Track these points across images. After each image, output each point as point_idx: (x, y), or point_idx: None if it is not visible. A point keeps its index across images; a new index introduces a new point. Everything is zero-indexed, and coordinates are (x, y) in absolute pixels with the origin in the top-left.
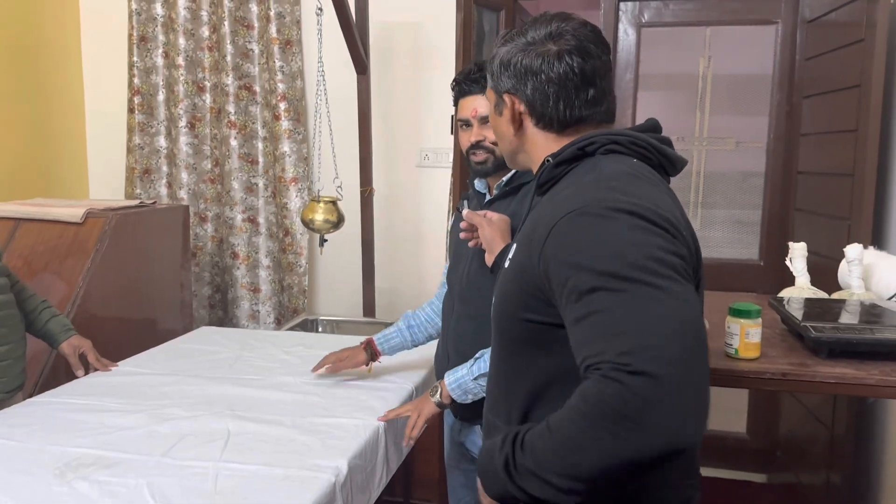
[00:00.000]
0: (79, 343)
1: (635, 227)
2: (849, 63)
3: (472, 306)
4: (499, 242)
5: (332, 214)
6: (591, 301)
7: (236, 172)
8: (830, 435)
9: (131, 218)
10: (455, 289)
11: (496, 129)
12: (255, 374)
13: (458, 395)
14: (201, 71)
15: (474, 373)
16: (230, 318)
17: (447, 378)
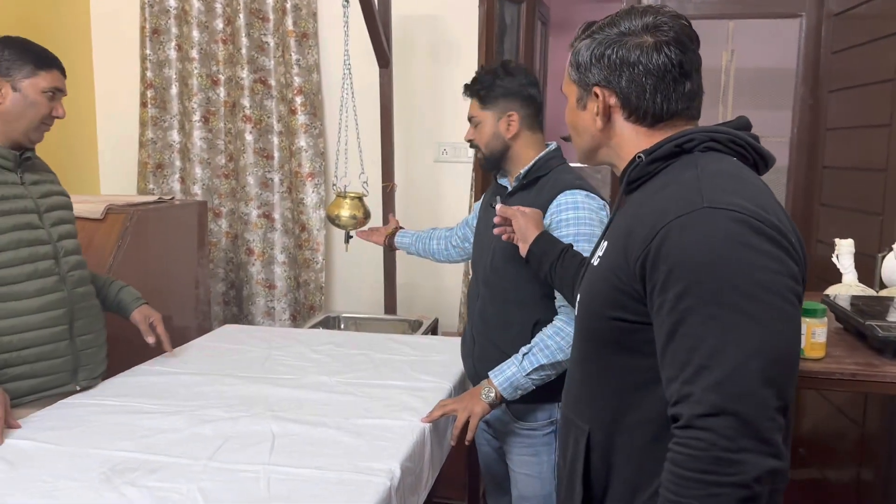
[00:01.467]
0: (149, 312)
1: (744, 243)
2: (881, 56)
3: (496, 290)
4: (532, 231)
5: (359, 210)
6: (683, 320)
7: (251, 167)
8: (861, 432)
9: (151, 214)
10: (480, 274)
11: (575, 125)
12: (288, 373)
13: (509, 392)
14: (215, 64)
15: (525, 369)
16: (245, 315)
17: (496, 377)
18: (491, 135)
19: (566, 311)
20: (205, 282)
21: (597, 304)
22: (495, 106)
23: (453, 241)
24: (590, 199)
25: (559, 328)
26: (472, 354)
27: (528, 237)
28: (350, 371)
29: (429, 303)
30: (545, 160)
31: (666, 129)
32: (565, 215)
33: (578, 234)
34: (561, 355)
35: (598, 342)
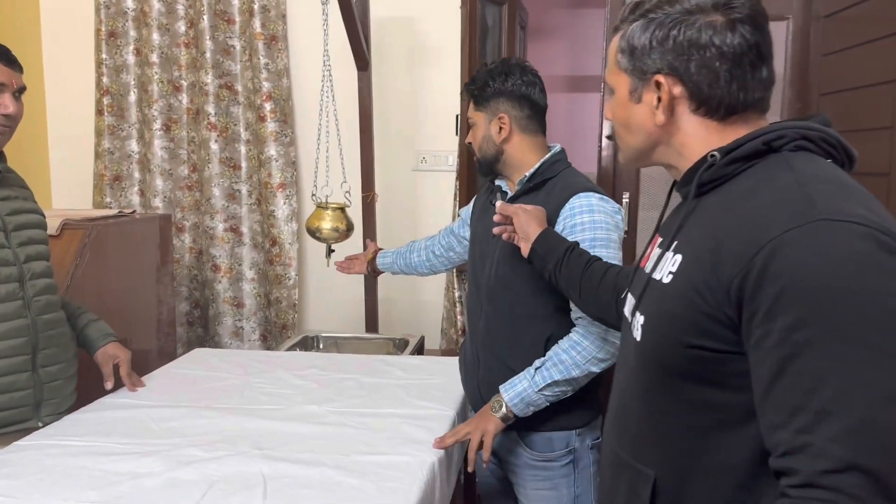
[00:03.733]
0: (116, 352)
1: (874, 263)
2: (878, 58)
3: (502, 305)
4: (535, 228)
5: (341, 222)
6: (797, 355)
7: (217, 178)
8: None
9: (111, 229)
10: (482, 288)
11: (626, 121)
12: (271, 402)
13: (520, 409)
14: (177, 69)
15: (538, 384)
16: (211, 336)
17: (506, 392)
18: (482, 138)
19: (583, 323)
20: (168, 301)
21: (671, 328)
22: (487, 107)
23: (436, 250)
24: (604, 203)
25: (576, 342)
26: (475, 377)
27: (530, 234)
28: (340, 398)
29: (409, 319)
30: (550, 163)
31: (738, 124)
32: (580, 219)
33: (595, 240)
34: (576, 371)
35: (671, 373)
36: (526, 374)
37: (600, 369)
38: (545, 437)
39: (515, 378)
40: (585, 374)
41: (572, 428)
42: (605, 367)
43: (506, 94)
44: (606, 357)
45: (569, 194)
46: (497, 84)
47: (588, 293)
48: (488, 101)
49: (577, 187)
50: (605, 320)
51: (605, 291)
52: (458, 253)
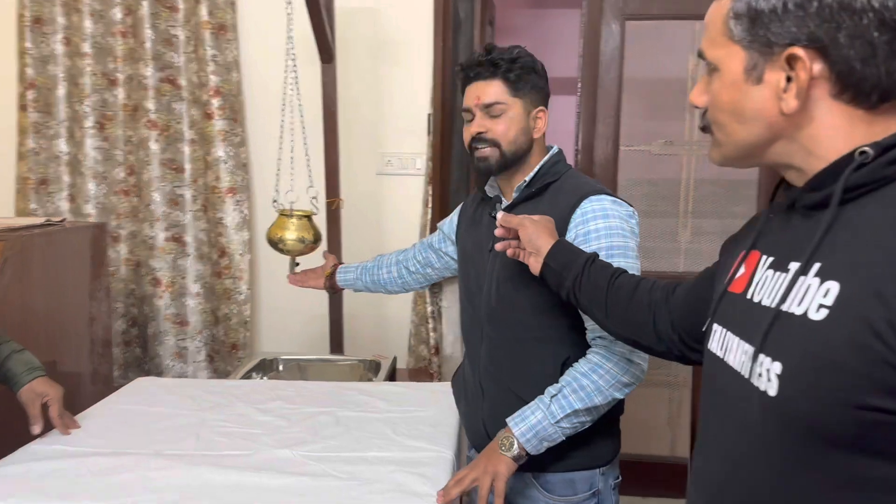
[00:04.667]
0: (44, 389)
1: None
2: None
3: (506, 328)
4: (546, 241)
5: (308, 232)
6: None
7: (157, 182)
8: None
9: (38, 240)
10: (481, 311)
11: (737, 107)
12: (234, 446)
13: (534, 445)
14: (113, 61)
15: (555, 415)
16: (150, 358)
17: (516, 426)
18: (520, 129)
19: (602, 343)
20: (103, 319)
21: (834, 382)
22: (527, 96)
23: (410, 266)
24: (617, 206)
25: (597, 364)
26: (479, 411)
27: (540, 248)
28: (317, 439)
29: (372, 336)
30: (551, 164)
31: (891, 114)
32: (594, 225)
33: (611, 247)
34: (599, 398)
35: (827, 440)
36: (539, 403)
37: (624, 395)
38: (566, 479)
39: (526, 409)
40: (608, 401)
41: (595, 466)
42: (629, 392)
43: (542, 88)
44: (632, 381)
45: (578, 198)
46: (538, 73)
47: (616, 311)
48: (527, 89)
49: (587, 190)
50: (638, 342)
51: (638, 309)
52: (437, 269)
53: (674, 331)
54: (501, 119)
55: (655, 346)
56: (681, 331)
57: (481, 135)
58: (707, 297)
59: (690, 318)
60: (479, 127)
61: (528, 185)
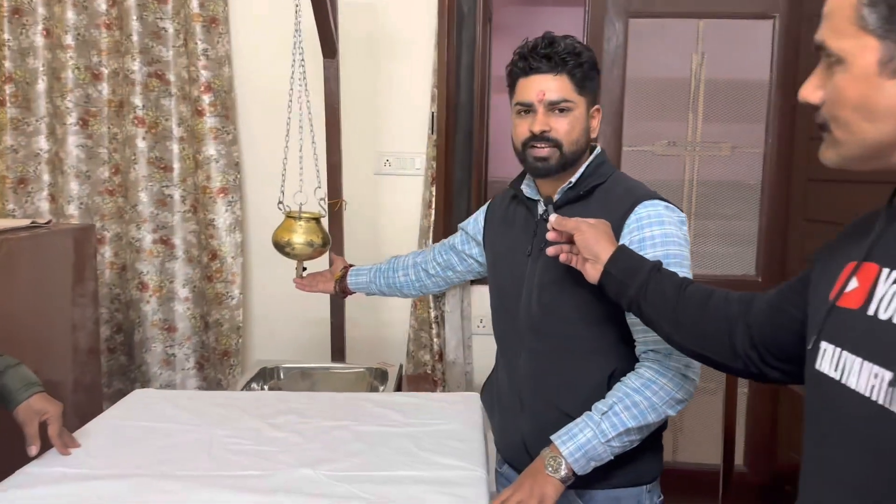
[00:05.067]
0: (43, 406)
1: None
2: None
3: (548, 338)
4: (606, 247)
5: (317, 235)
6: None
7: (144, 182)
8: None
9: (25, 243)
10: (521, 320)
11: (864, 102)
12: (250, 466)
13: (582, 465)
14: (97, 54)
15: (606, 434)
16: (137, 366)
17: (563, 445)
18: (582, 129)
19: (655, 357)
20: (86, 326)
21: None
22: (589, 94)
23: (429, 268)
24: (672, 212)
25: (650, 379)
26: (517, 426)
27: (600, 255)
28: (337, 457)
29: (369, 342)
30: (596, 164)
31: None
32: (649, 232)
33: (668, 256)
34: (653, 416)
35: None
36: (588, 420)
37: (676, 412)
38: (611, 497)
39: (573, 426)
40: (661, 419)
41: (641, 483)
42: (681, 409)
43: (599, 85)
44: (686, 398)
45: (632, 202)
46: (597, 71)
47: (686, 324)
48: (591, 86)
49: (640, 194)
50: (710, 358)
51: (712, 322)
52: (459, 273)
53: (753, 347)
54: (566, 118)
55: (730, 363)
56: (761, 348)
57: (544, 133)
58: (794, 313)
59: (775, 334)
60: (543, 125)
61: (573, 187)
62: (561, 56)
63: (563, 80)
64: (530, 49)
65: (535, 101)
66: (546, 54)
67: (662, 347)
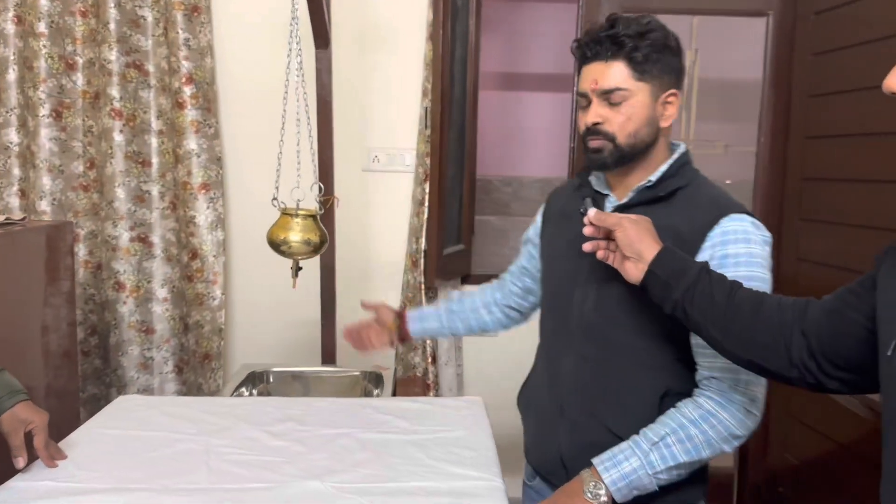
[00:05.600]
0: (28, 415)
1: None
2: (885, 57)
3: (601, 346)
4: (651, 246)
5: (314, 233)
6: None
7: (121, 177)
8: None
9: (3, 241)
10: (572, 323)
11: None
12: (254, 478)
13: (624, 494)
14: (72, 42)
15: (655, 465)
16: (112, 369)
17: (607, 471)
18: (644, 120)
19: (718, 386)
20: (63, 328)
21: None
22: (655, 79)
23: (512, 303)
24: (759, 230)
25: (710, 412)
26: (555, 436)
27: (643, 253)
28: (346, 467)
29: None
30: (680, 165)
31: None
32: (734, 249)
33: (751, 278)
34: (707, 451)
35: None
36: (635, 447)
37: (733, 449)
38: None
39: (618, 451)
40: (715, 455)
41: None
42: (738, 445)
43: (676, 67)
44: (745, 434)
45: (718, 214)
46: (672, 50)
47: (737, 331)
48: (658, 69)
49: (727, 205)
50: (763, 367)
51: (766, 330)
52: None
53: (811, 357)
54: (622, 108)
55: (785, 372)
56: (820, 357)
57: (597, 126)
58: (858, 318)
59: (835, 342)
60: (595, 117)
61: (652, 187)
62: (617, 39)
63: (620, 66)
64: (590, 35)
65: (588, 91)
66: (601, 39)
67: (728, 377)
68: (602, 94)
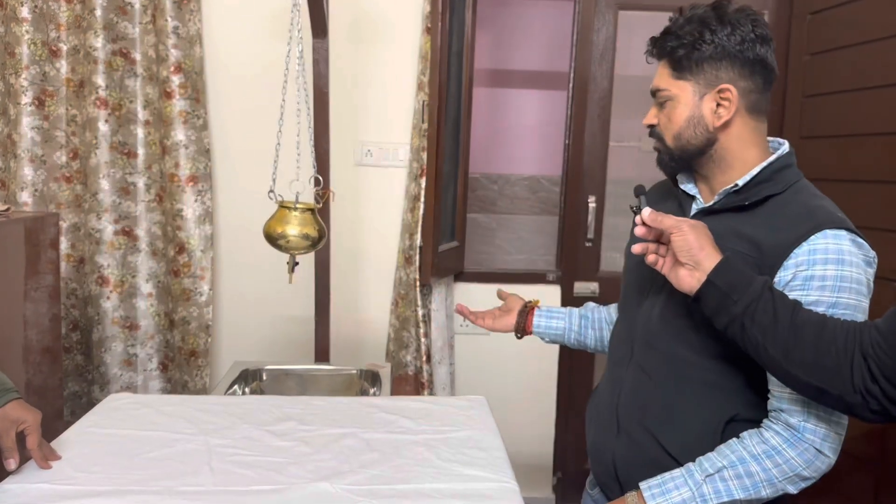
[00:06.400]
0: (20, 415)
1: None
2: (882, 58)
3: (663, 359)
4: (710, 253)
5: (312, 227)
6: None
7: (106, 168)
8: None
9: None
10: (637, 328)
11: None
12: (260, 479)
13: None
14: (55, 29)
15: (706, 499)
16: (95, 366)
17: (653, 499)
18: (686, 120)
19: (788, 421)
20: (46, 323)
21: None
22: (699, 74)
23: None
24: (858, 248)
25: (776, 448)
26: (610, 445)
27: (702, 262)
28: (354, 468)
29: (349, 345)
30: (776, 169)
31: None
32: (821, 270)
33: (836, 304)
34: (768, 490)
35: None
36: (688, 477)
37: (798, 490)
38: None
39: (669, 478)
40: (777, 496)
41: None
42: (805, 487)
43: (732, 54)
44: (813, 476)
45: (811, 227)
46: (720, 38)
47: (798, 353)
48: (702, 64)
49: (823, 218)
50: (825, 391)
51: (828, 352)
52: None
53: (874, 381)
54: (665, 109)
55: (848, 398)
56: (883, 380)
57: (651, 127)
58: None
59: None
60: (649, 119)
61: (738, 191)
62: (664, 37)
63: (664, 65)
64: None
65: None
66: (653, 38)
67: (799, 410)
68: (653, 96)
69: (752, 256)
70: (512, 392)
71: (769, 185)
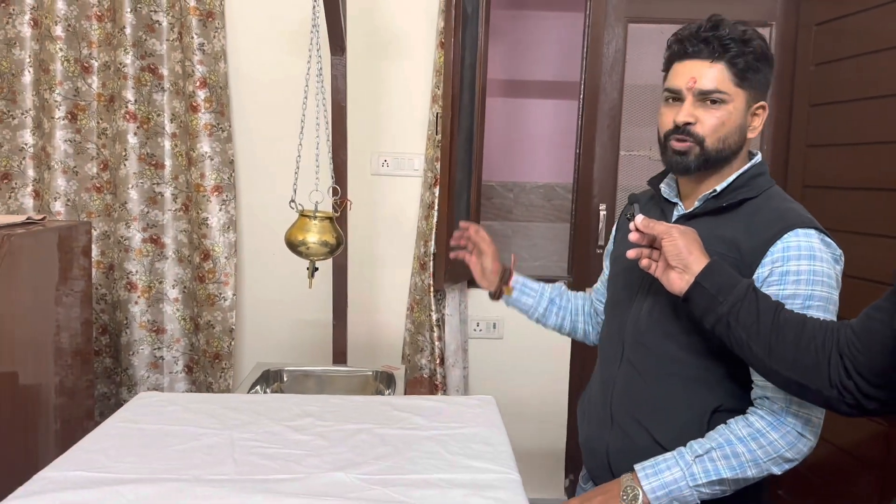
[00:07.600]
0: None
1: None
2: (888, 68)
3: (651, 358)
4: (698, 257)
5: (331, 235)
6: None
7: (135, 179)
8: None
9: (27, 240)
10: (626, 330)
11: None
12: (280, 469)
13: (662, 503)
14: (87, 46)
15: (696, 478)
16: (123, 369)
17: (646, 480)
18: (735, 127)
19: (770, 407)
20: (79, 326)
21: None
22: (751, 88)
23: (600, 318)
24: (826, 246)
25: (760, 431)
26: (604, 440)
27: (691, 265)
28: (368, 460)
29: (363, 345)
30: (751, 175)
31: None
32: (795, 266)
33: (811, 297)
34: (753, 470)
35: None
36: (679, 458)
37: (782, 471)
38: None
39: (661, 460)
40: (762, 475)
41: None
42: (788, 469)
43: (769, 79)
44: (795, 458)
45: (782, 228)
46: (769, 62)
47: (781, 351)
48: (757, 81)
49: (793, 219)
50: (806, 387)
51: (807, 349)
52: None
53: (848, 376)
54: (717, 111)
55: (825, 392)
56: (857, 376)
57: (688, 126)
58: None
59: (871, 359)
60: (689, 116)
61: (717, 196)
62: (723, 41)
63: (721, 68)
64: (692, 31)
65: (683, 88)
66: (706, 38)
67: (782, 397)
68: (700, 94)
69: (732, 257)
70: (524, 395)
71: (744, 189)
